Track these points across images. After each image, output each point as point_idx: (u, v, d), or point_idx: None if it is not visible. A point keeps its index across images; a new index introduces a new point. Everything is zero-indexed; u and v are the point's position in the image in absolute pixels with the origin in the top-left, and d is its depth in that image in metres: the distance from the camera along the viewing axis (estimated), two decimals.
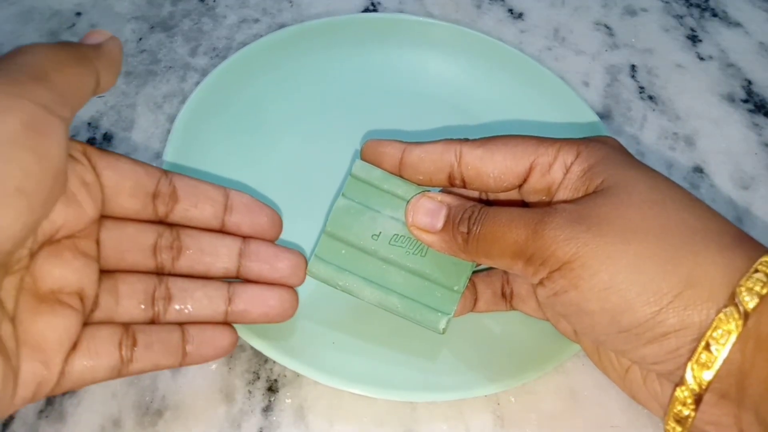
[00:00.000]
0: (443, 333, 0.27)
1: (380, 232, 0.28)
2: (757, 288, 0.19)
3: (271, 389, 0.29)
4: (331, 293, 0.32)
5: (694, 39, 0.47)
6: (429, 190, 0.27)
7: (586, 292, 0.21)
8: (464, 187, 0.27)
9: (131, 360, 0.24)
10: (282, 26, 0.47)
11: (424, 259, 0.27)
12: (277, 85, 0.40)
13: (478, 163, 0.25)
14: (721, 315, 0.19)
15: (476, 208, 0.25)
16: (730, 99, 0.43)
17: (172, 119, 0.41)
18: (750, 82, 0.44)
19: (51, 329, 0.21)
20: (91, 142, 0.39)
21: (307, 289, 0.32)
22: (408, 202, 0.27)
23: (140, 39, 0.46)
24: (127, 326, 0.24)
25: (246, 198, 0.27)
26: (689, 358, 0.20)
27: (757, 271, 0.19)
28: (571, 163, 0.24)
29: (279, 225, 0.27)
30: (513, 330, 0.30)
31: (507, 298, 0.29)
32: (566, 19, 0.48)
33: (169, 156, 0.34)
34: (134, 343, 0.24)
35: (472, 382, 0.28)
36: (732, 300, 0.19)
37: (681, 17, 0.49)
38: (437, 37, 0.42)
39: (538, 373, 0.28)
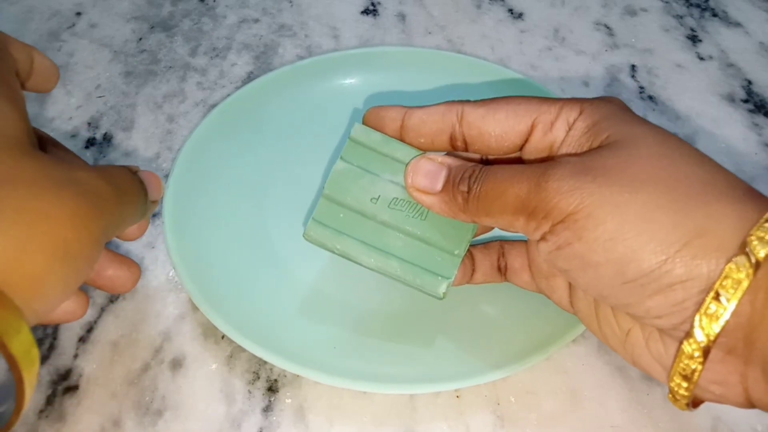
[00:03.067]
0: (443, 297, 0.27)
1: (379, 196, 0.27)
2: None
3: (271, 389, 0.29)
4: (329, 293, 0.32)
5: (694, 39, 0.47)
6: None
7: (591, 242, 0.20)
8: (466, 149, 0.26)
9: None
10: (282, 26, 0.47)
11: (424, 223, 0.27)
12: (278, 118, 0.40)
13: (479, 122, 0.25)
14: (732, 264, 0.19)
15: (477, 167, 0.24)
16: (730, 99, 0.43)
17: (172, 119, 0.41)
18: (750, 82, 0.44)
19: None
20: (91, 142, 0.39)
21: (307, 288, 0.32)
22: (407, 164, 0.27)
23: (140, 39, 0.46)
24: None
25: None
26: (696, 311, 0.19)
27: None
28: (574, 120, 0.24)
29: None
30: (509, 318, 0.30)
31: (502, 271, 0.29)
32: (566, 19, 0.48)
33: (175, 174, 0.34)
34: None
35: (470, 372, 0.28)
36: (743, 249, 0.19)
37: (681, 17, 0.49)
38: (422, 62, 0.42)
39: (535, 360, 0.28)
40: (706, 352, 0.19)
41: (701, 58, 0.46)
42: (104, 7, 0.49)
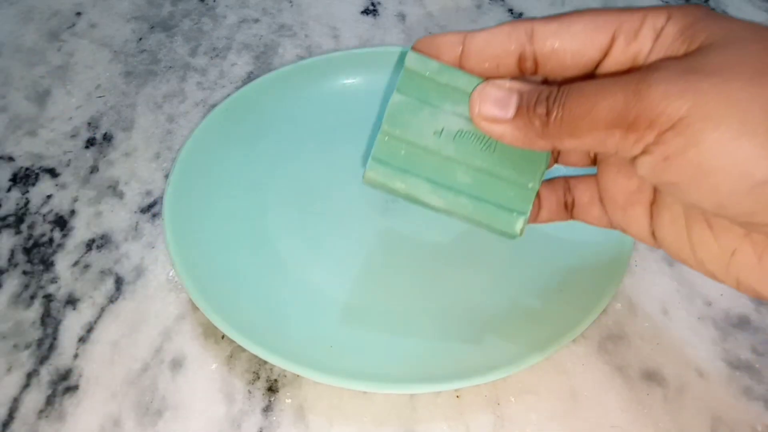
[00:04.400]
0: (520, 235, 0.25)
1: (442, 129, 0.25)
2: None
3: (271, 389, 0.29)
4: (329, 293, 0.32)
5: None
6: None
7: (711, 146, 0.18)
8: (535, 72, 0.24)
9: None
10: (282, 26, 0.47)
11: (493, 155, 0.25)
12: (278, 119, 0.40)
13: (553, 37, 0.23)
14: None
15: (553, 88, 0.22)
16: None
17: (172, 119, 0.41)
18: None
19: None
20: (91, 142, 0.39)
21: (307, 288, 0.32)
22: (471, 93, 0.24)
23: (140, 39, 0.46)
24: None
25: None
26: None
27: None
28: (662, 26, 0.21)
29: None
30: (509, 318, 0.30)
31: (568, 207, 0.27)
32: None
33: (174, 178, 0.34)
34: None
35: (470, 372, 0.28)
36: None
37: None
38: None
39: (535, 360, 0.28)
40: None
41: None
42: (104, 7, 0.49)
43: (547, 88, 0.22)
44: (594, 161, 0.26)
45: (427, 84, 0.25)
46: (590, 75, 0.23)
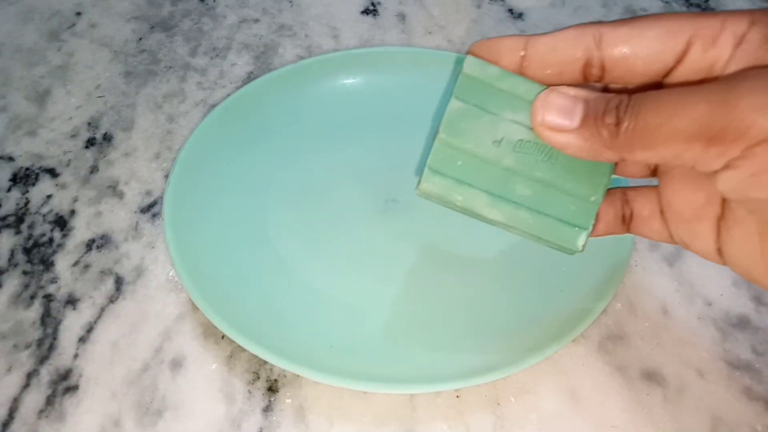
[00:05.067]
0: (581, 250, 0.24)
1: (502, 138, 0.23)
2: None
3: (271, 389, 0.29)
4: (329, 293, 0.32)
5: None
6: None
7: None
8: (601, 79, 0.23)
9: None
10: (282, 26, 0.47)
11: (555, 167, 0.24)
12: (278, 119, 0.40)
13: (624, 43, 0.21)
14: None
15: (623, 96, 0.21)
16: None
17: (172, 119, 0.41)
18: None
19: None
20: (91, 142, 0.39)
21: (307, 288, 0.32)
22: (533, 102, 0.23)
23: (140, 39, 0.46)
24: None
25: None
26: None
27: None
28: (744, 33, 0.20)
29: None
30: (509, 318, 0.30)
31: (626, 221, 0.26)
32: (566, 19, 0.48)
33: (174, 178, 0.34)
34: None
35: (470, 372, 0.28)
36: None
37: None
38: (422, 62, 0.41)
39: (535, 360, 0.28)
40: None
41: None
42: (104, 7, 0.49)
43: (616, 97, 0.21)
44: (654, 172, 0.25)
45: (487, 90, 0.24)
46: (659, 84, 0.22)
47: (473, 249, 0.34)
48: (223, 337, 0.31)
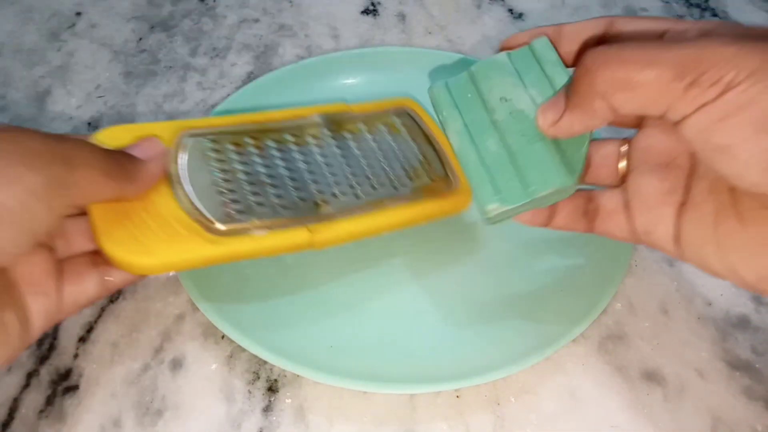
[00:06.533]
0: (489, 217, 0.26)
1: (511, 99, 0.27)
2: None
3: (271, 389, 0.29)
4: (329, 292, 0.32)
5: None
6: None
7: None
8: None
9: (109, 275, 0.26)
10: (282, 26, 0.47)
11: (527, 147, 0.26)
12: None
13: (629, 23, 0.25)
14: None
15: (592, 50, 0.23)
16: None
17: (171, 119, 0.41)
18: None
19: (34, 266, 0.24)
20: None
21: (307, 288, 0.32)
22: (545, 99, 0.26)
23: (140, 39, 0.46)
24: (93, 253, 0.26)
25: None
26: None
27: None
28: (711, 29, 0.22)
29: None
30: (509, 318, 0.30)
31: (589, 216, 0.27)
32: (566, 19, 0.48)
33: None
34: (105, 262, 0.25)
35: (470, 372, 0.28)
36: None
37: (681, 17, 0.49)
38: (422, 62, 0.41)
39: (535, 360, 0.28)
40: None
41: None
42: (104, 7, 0.49)
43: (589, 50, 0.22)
44: (638, 124, 0.27)
45: (534, 66, 0.27)
46: None
47: (474, 249, 0.34)
48: (223, 337, 0.31)
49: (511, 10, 0.49)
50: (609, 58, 0.21)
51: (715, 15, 0.49)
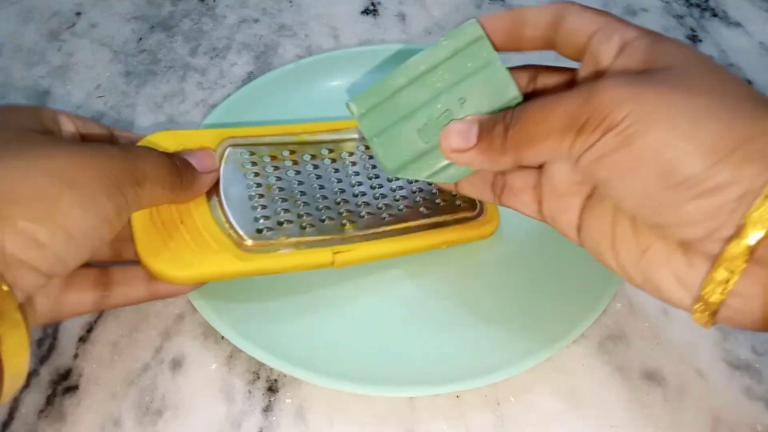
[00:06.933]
0: (386, 167, 0.27)
1: (442, 84, 0.27)
2: None
3: (271, 389, 0.29)
4: (329, 294, 0.32)
5: (694, 39, 0.47)
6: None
7: (642, 148, 0.21)
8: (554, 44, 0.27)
9: (108, 295, 0.27)
10: (282, 26, 0.47)
11: (425, 143, 0.27)
12: (278, 118, 0.40)
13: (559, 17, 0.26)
14: None
15: (510, 110, 0.24)
16: None
17: (172, 119, 0.41)
18: (750, 82, 0.44)
19: None
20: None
21: (307, 290, 0.32)
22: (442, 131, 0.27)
23: (140, 39, 0.46)
24: (105, 266, 0.28)
25: None
26: (741, 213, 0.20)
27: None
28: (629, 41, 0.24)
29: None
30: (508, 319, 0.30)
31: (496, 190, 0.29)
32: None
33: None
34: (109, 281, 0.27)
35: (470, 374, 0.28)
36: None
37: (681, 17, 0.49)
38: None
39: (535, 362, 0.28)
40: (752, 252, 0.20)
41: None
42: (104, 7, 0.49)
43: (503, 113, 0.25)
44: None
45: (462, 55, 0.26)
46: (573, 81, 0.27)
47: (474, 250, 0.34)
48: (223, 337, 0.31)
49: None
50: (516, 121, 0.24)
51: (715, 15, 0.49)
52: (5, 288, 0.20)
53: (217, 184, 0.29)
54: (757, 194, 0.19)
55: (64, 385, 0.29)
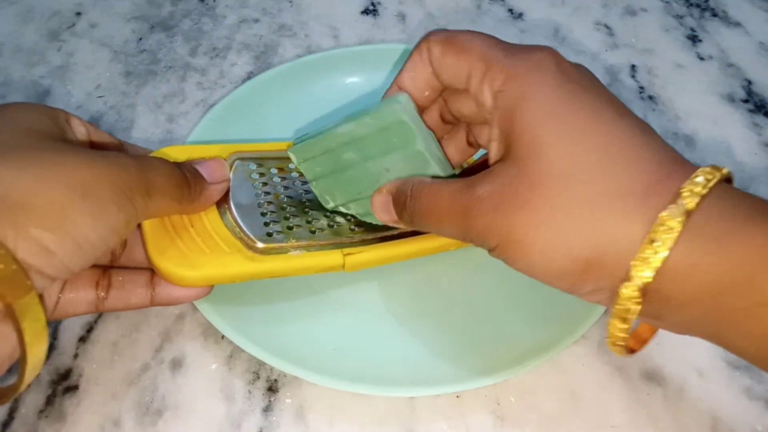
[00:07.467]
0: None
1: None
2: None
3: (271, 389, 0.29)
4: (329, 294, 0.32)
5: (694, 39, 0.47)
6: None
7: (521, 263, 0.23)
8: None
9: (106, 297, 0.27)
10: (282, 26, 0.47)
11: (357, 194, 0.29)
12: (277, 117, 0.40)
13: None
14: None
15: (408, 185, 0.26)
16: (730, 99, 0.43)
17: (172, 119, 0.41)
18: (750, 82, 0.44)
19: None
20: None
21: (307, 289, 0.32)
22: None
23: (140, 39, 0.46)
24: (105, 268, 0.28)
25: None
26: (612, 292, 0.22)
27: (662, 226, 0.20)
28: (498, 90, 0.24)
29: None
30: (509, 320, 0.30)
31: (475, 144, 0.30)
32: (566, 19, 0.48)
33: None
34: (109, 284, 0.28)
35: (470, 375, 0.28)
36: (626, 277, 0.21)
37: (681, 17, 0.49)
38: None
39: (535, 363, 0.28)
40: (643, 293, 0.21)
41: (701, 58, 0.46)
42: (104, 7, 0.49)
43: (405, 186, 0.27)
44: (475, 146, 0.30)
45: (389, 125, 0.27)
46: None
47: (473, 250, 0.34)
48: (223, 337, 0.31)
49: (511, 10, 0.49)
50: (413, 199, 0.26)
51: (715, 15, 0.49)
52: (29, 283, 0.21)
53: (226, 192, 0.29)
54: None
55: (64, 385, 0.29)
